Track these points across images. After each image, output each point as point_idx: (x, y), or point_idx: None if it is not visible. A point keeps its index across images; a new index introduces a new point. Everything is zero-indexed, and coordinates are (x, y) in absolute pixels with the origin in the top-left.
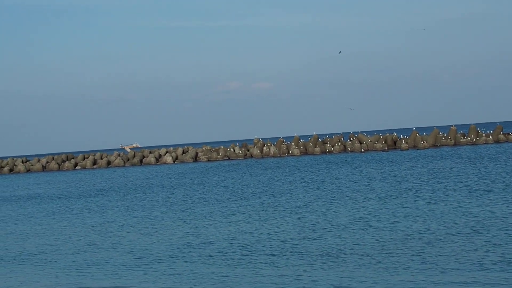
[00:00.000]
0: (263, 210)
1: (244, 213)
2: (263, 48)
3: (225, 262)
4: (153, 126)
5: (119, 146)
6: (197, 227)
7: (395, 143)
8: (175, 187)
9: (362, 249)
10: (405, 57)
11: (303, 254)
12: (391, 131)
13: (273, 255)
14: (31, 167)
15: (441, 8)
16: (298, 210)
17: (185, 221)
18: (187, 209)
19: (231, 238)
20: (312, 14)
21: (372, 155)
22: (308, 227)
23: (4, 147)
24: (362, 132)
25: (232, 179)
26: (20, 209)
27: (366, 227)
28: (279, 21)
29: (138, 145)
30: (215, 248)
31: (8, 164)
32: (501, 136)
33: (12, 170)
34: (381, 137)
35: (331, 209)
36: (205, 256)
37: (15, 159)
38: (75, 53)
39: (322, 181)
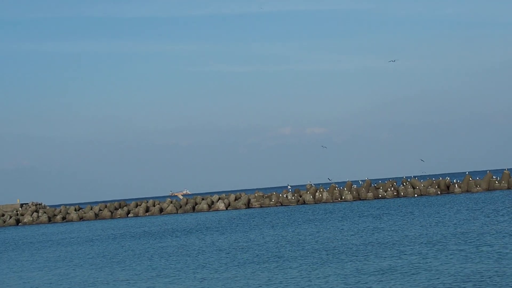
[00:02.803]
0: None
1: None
2: (316, 93)
3: None
4: (203, 172)
5: (169, 193)
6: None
7: (448, 187)
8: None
9: None
10: (460, 99)
11: None
12: (444, 175)
13: None
14: (84, 215)
15: (494, 51)
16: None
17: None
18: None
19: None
20: (366, 57)
21: (425, 199)
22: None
23: (56, 195)
24: (414, 177)
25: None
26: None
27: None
28: (331, 65)
29: (189, 192)
30: None
31: (61, 212)
32: None
33: (65, 218)
34: (434, 181)
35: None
36: None
37: (68, 207)
38: (125, 99)
39: (376, 228)
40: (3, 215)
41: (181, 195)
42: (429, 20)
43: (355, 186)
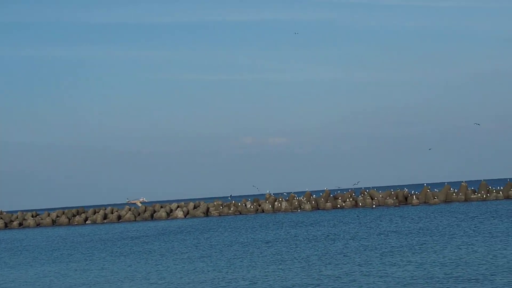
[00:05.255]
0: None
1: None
2: (279, 103)
3: None
4: (162, 180)
5: (125, 201)
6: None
7: (406, 198)
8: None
9: None
10: (423, 112)
11: None
12: (402, 186)
13: None
14: (41, 221)
15: (458, 65)
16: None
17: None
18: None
19: None
20: (331, 69)
21: (383, 210)
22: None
23: (14, 201)
24: (373, 187)
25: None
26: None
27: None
28: (294, 76)
29: (145, 200)
30: None
31: (17, 218)
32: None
33: (22, 224)
34: (392, 192)
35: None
36: None
37: (24, 213)
38: (89, 104)
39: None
40: None
41: (140, 202)
42: (395, 32)
43: (314, 196)
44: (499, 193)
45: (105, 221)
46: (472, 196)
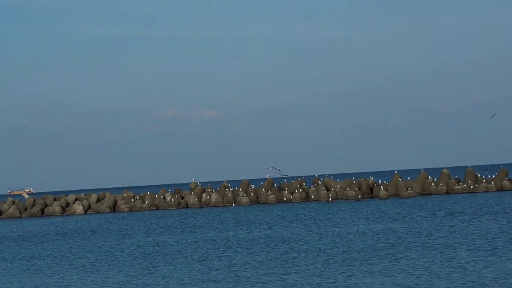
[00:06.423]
0: None
1: None
2: (208, 66)
3: None
4: (55, 165)
5: (7, 192)
6: None
7: (371, 190)
8: None
9: None
10: (388, 79)
11: None
12: (366, 174)
13: None
14: None
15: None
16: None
17: None
18: None
19: None
20: (266, 20)
21: (342, 205)
22: None
23: None
24: (329, 175)
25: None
26: None
27: None
28: (226, 31)
29: (32, 191)
30: None
31: None
32: (506, 183)
33: None
34: (354, 182)
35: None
36: None
37: None
38: None
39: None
40: None
41: (26, 193)
42: None
43: (253, 186)
44: (490, 183)
45: None
46: (456, 187)
